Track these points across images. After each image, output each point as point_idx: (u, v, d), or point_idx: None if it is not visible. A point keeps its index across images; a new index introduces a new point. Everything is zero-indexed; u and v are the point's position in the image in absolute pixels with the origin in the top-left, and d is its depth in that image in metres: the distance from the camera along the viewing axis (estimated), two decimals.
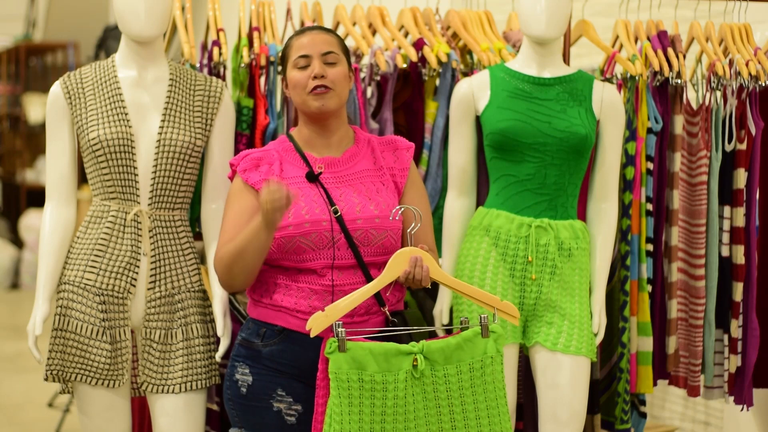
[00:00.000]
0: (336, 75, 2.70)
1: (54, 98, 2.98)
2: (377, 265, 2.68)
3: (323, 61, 2.70)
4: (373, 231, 2.66)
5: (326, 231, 2.64)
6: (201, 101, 3.00)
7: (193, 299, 2.98)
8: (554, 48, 3.09)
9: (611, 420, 3.31)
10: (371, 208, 2.68)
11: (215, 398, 3.20)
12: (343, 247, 2.65)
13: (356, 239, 2.65)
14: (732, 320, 3.44)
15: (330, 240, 2.64)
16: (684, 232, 3.42)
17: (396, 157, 2.79)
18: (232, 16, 3.47)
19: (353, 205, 2.67)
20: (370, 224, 2.66)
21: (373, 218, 2.67)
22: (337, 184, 2.70)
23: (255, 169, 2.73)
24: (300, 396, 2.67)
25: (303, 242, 2.64)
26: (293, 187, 2.69)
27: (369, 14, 3.45)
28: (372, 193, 2.71)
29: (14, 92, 10.70)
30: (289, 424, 2.67)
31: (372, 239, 2.66)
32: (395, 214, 2.68)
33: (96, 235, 2.93)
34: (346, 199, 2.68)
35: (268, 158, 2.75)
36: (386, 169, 2.76)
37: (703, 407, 4.65)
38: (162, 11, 2.93)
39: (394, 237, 2.70)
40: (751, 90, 3.40)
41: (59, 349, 2.92)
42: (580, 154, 3.05)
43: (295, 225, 2.65)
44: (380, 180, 2.74)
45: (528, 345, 3.08)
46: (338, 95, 2.71)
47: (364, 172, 2.74)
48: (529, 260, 3.03)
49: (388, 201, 2.71)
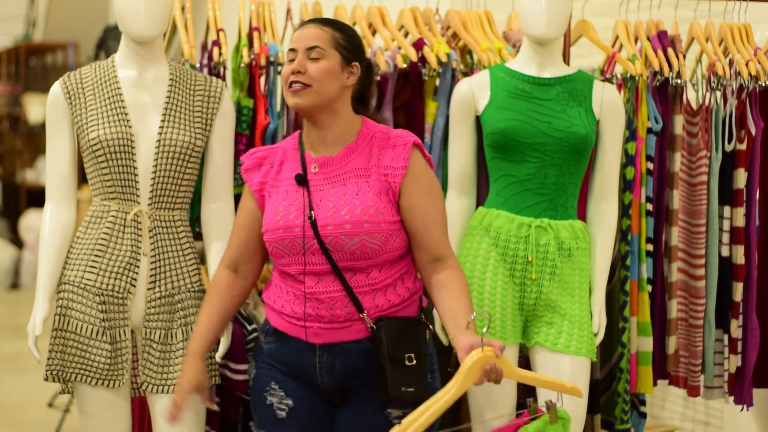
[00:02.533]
0: (316, 71, 2.60)
1: (54, 98, 2.98)
2: (355, 269, 2.59)
3: (306, 56, 2.62)
4: (344, 237, 2.56)
5: (298, 237, 2.59)
6: (201, 101, 3.00)
7: (193, 299, 2.98)
8: (554, 48, 3.09)
9: (611, 420, 3.31)
10: (342, 213, 2.57)
11: (215, 398, 3.20)
12: (317, 253, 2.59)
13: (328, 245, 2.58)
14: (732, 320, 3.44)
15: (302, 246, 2.60)
16: (684, 232, 3.42)
17: (393, 155, 2.63)
18: (232, 16, 3.47)
19: (326, 210, 2.59)
20: (339, 230, 2.57)
21: (343, 224, 2.57)
22: (322, 187, 2.63)
23: (257, 169, 2.71)
24: (291, 391, 2.66)
25: (278, 248, 2.62)
26: (282, 188, 2.65)
27: (369, 14, 3.45)
28: (350, 196, 2.59)
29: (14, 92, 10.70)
30: (279, 418, 2.66)
31: (343, 245, 2.57)
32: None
33: (96, 235, 2.93)
34: (323, 203, 2.60)
35: (272, 157, 2.72)
36: (377, 168, 2.62)
37: (703, 407, 4.65)
38: (162, 11, 2.92)
39: (372, 240, 2.57)
40: (751, 90, 3.40)
41: (59, 349, 2.92)
42: (580, 154, 3.05)
43: (270, 231, 2.63)
44: (366, 180, 2.61)
45: (528, 345, 3.08)
46: (316, 92, 2.60)
47: (352, 172, 2.63)
48: (529, 260, 3.02)
49: (368, 203, 2.58)
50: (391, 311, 2.62)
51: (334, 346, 2.61)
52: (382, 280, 2.61)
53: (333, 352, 2.61)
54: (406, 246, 2.65)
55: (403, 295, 2.65)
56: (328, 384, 2.63)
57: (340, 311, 2.59)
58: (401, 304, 2.64)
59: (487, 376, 2.42)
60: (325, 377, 2.63)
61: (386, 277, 2.62)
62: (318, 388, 2.65)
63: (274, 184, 2.68)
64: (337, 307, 2.59)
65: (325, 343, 2.61)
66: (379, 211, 2.59)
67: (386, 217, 2.59)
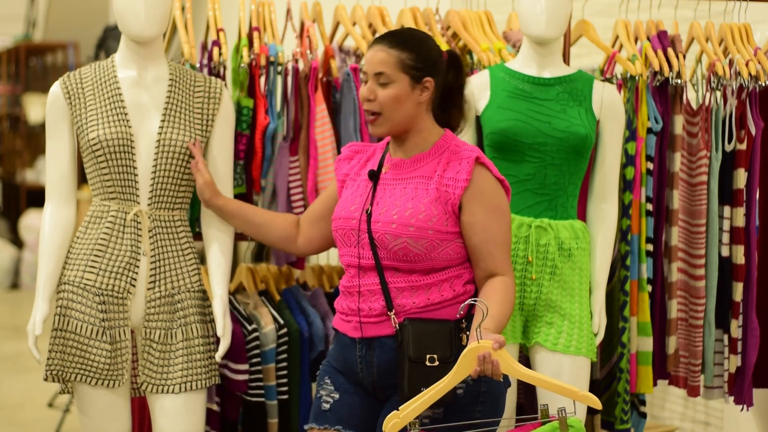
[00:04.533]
0: (385, 98, 2.63)
1: (54, 98, 2.98)
2: (395, 269, 2.64)
3: (375, 80, 2.65)
4: (388, 235, 2.62)
5: (354, 229, 2.67)
6: (201, 101, 3.00)
7: (193, 299, 2.98)
8: (554, 48, 3.09)
9: (611, 420, 3.32)
10: (393, 212, 2.64)
11: (215, 398, 3.20)
12: (366, 247, 2.66)
13: (375, 240, 2.65)
14: (732, 320, 3.44)
15: (356, 238, 2.67)
16: (684, 232, 3.42)
17: (458, 168, 2.64)
18: (232, 16, 3.47)
19: (380, 207, 2.67)
20: (385, 228, 2.63)
21: (390, 222, 2.63)
22: (388, 186, 2.70)
23: (347, 160, 2.82)
24: (340, 386, 2.73)
25: (339, 236, 2.73)
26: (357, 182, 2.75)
27: (369, 14, 3.45)
28: (407, 198, 2.64)
29: (14, 92, 10.70)
30: (323, 410, 2.73)
31: (387, 243, 2.62)
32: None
33: (96, 235, 2.94)
34: (383, 201, 2.68)
35: (364, 152, 2.81)
36: (439, 178, 2.64)
37: (703, 407, 4.65)
38: (162, 11, 2.92)
39: (416, 245, 2.60)
40: (751, 90, 3.40)
41: (59, 349, 2.92)
42: (580, 154, 3.05)
43: (335, 219, 2.73)
44: (425, 187, 2.64)
45: (528, 345, 3.08)
46: (388, 119, 2.65)
47: (417, 178, 2.67)
48: (529, 260, 3.03)
49: (419, 209, 2.61)
50: (430, 309, 2.64)
51: (373, 341, 2.66)
52: (425, 280, 2.64)
53: (371, 347, 2.66)
54: (459, 258, 2.66)
55: (447, 296, 2.65)
56: (368, 379, 2.69)
57: (376, 305, 2.64)
58: (442, 304, 2.64)
59: (482, 365, 2.43)
60: (365, 372, 2.68)
61: (431, 279, 2.64)
62: (362, 384, 2.71)
63: (354, 177, 2.78)
64: (374, 301, 2.65)
65: (364, 337, 2.67)
66: (428, 218, 2.61)
67: (435, 226, 2.61)
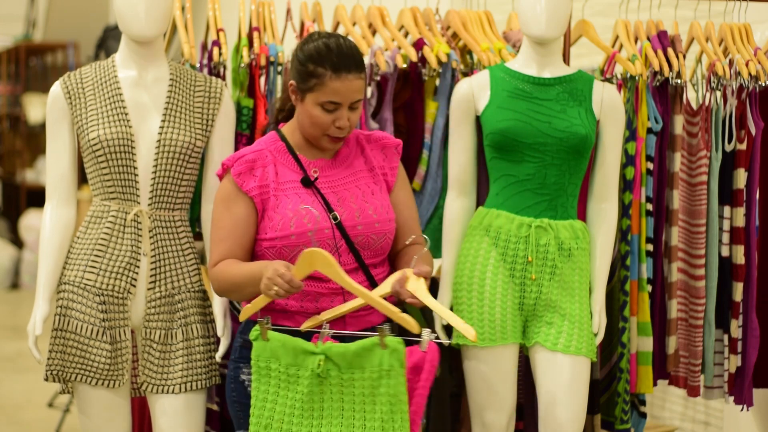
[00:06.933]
0: (355, 118, 2.68)
1: (54, 98, 2.98)
2: (376, 265, 2.73)
3: (349, 107, 2.66)
4: (373, 236, 2.70)
5: (329, 239, 2.66)
6: (201, 101, 3.00)
7: (193, 299, 2.98)
8: (554, 48, 3.09)
9: (611, 420, 3.31)
10: (370, 212, 2.70)
11: (215, 398, 3.20)
12: (344, 253, 2.67)
13: (357, 244, 2.68)
14: (732, 320, 3.44)
15: (333, 247, 2.66)
16: (684, 232, 3.42)
17: (385, 155, 2.79)
18: (232, 16, 3.47)
19: (352, 211, 2.68)
20: (370, 229, 2.69)
21: (373, 223, 2.70)
22: (333, 189, 2.70)
23: (249, 173, 2.69)
24: None
25: (287, 252, 2.65)
26: (289, 192, 2.68)
27: (369, 14, 3.45)
28: (368, 196, 2.72)
29: (14, 92, 10.69)
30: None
31: (372, 243, 2.70)
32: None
33: (96, 235, 2.94)
34: (345, 204, 2.69)
35: (261, 160, 2.71)
36: (378, 169, 2.77)
37: (703, 407, 4.65)
38: (162, 11, 2.93)
39: (390, 236, 2.75)
40: (751, 90, 3.40)
41: (59, 349, 2.92)
42: (580, 154, 3.05)
43: (298, 234, 2.65)
44: (374, 181, 2.75)
45: (528, 345, 3.08)
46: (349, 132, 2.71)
47: (357, 173, 2.74)
48: (529, 260, 3.03)
49: (383, 203, 2.74)
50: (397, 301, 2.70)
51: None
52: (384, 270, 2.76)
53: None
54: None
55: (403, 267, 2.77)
56: None
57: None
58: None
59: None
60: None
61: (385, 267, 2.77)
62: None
63: (278, 188, 2.69)
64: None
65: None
66: (389, 209, 2.76)
67: (391, 215, 2.76)
